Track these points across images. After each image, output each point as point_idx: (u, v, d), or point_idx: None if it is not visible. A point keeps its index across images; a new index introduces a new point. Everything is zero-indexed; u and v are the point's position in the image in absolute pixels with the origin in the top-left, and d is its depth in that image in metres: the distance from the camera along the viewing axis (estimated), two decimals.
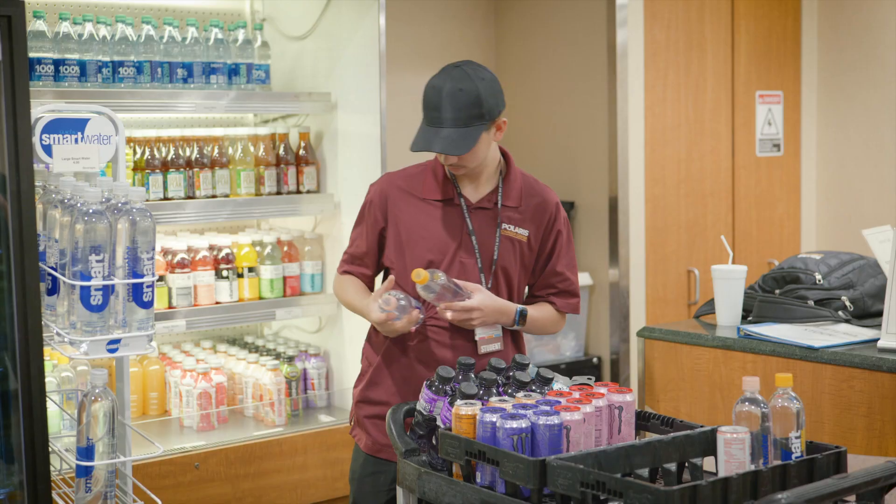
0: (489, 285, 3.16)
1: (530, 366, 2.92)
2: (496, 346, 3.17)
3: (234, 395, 4.35)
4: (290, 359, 4.46)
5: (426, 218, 3.15)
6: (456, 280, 3.05)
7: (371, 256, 3.25)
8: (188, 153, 4.25)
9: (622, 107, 5.16)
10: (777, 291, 3.71)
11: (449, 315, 3.05)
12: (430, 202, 3.16)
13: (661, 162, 5.38)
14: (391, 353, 3.19)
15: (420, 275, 2.93)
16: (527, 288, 3.31)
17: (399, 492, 2.76)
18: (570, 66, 5.34)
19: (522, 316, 3.17)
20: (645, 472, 2.41)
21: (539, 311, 3.24)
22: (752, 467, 2.34)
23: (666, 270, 5.40)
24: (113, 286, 2.81)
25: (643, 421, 2.73)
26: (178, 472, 3.82)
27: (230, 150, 4.36)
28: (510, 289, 3.21)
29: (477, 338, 3.16)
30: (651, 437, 2.57)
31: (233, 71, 4.32)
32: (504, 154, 3.24)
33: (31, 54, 3.83)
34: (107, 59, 4.03)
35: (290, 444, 4.08)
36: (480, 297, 3.08)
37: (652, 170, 5.32)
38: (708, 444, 2.49)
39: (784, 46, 5.94)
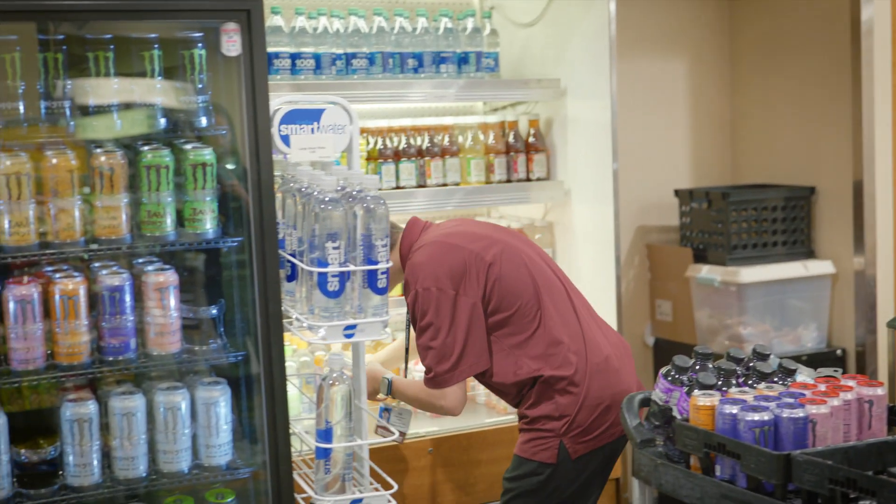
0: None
1: (771, 356, 2.80)
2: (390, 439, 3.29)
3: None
4: None
5: None
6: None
7: None
8: (419, 142, 4.30)
9: (867, 86, 4.88)
10: None
11: None
12: None
13: None
14: None
15: None
16: None
17: (634, 483, 2.70)
18: (809, 45, 5.11)
19: (389, 384, 3.32)
20: None
21: (411, 384, 3.31)
22: None
23: None
24: (349, 273, 2.86)
25: (895, 416, 2.57)
26: (412, 457, 3.87)
27: (460, 139, 4.39)
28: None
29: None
30: None
31: (462, 60, 4.34)
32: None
33: (269, 49, 3.95)
34: (340, 51, 4.12)
35: None
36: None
37: None
38: None
39: None
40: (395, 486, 2.95)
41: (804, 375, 2.77)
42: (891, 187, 5.00)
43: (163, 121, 2.99)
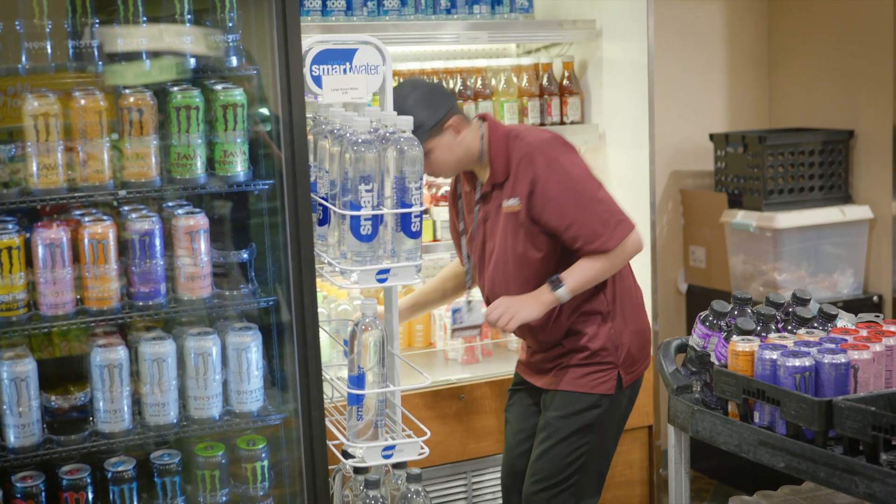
0: (489, 269, 3.28)
1: (811, 301, 2.75)
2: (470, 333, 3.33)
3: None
4: None
5: (457, 212, 3.43)
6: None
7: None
8: (451, 85, 4.23)
9: None
10: None
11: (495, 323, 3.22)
12: (463, 196, 3.39)
13: None
14: None
15: None
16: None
17: (670, 430, 2.66)
18: None
19: (555, 282, 3.17)
20: None
21: (577, 268, 3.19)
22: None
23: None
24: (382, 216, 2.82)
25: None
26: (444, 404, 3.86)
27: (493, 82, 4.32)
28: (520, 263, 3.22)
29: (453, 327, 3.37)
30: None
31: (496, 0, 4.26)
32: (490, 129, 3.26)
33: None
34: None
35: None
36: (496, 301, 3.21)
37: None
38: None
39: None
40: (428, 433, 2.93)
41: (845, 321, 2.72)
42: None
43: (192, 61, 2.95)
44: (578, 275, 3.16)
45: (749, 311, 2.68)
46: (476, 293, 3.52)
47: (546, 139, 3.21)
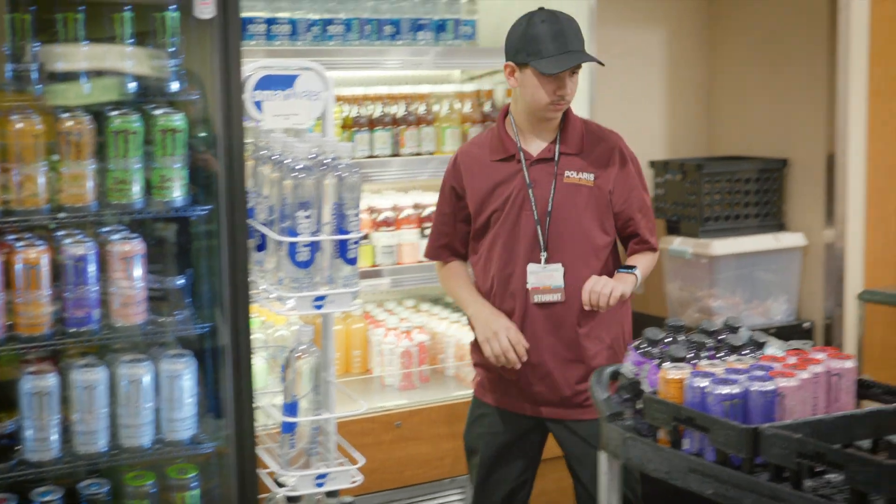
0: (546, 235, 3.17)
1: (742, 329, 2.80)
2: (554, 297, 3.16)
3: (436, 354, 4.36)
4: None
5: (491, 178, 3.24)
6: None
7: (459, 229, 3.32)
8: (394, 111, 4.26)
9: (843, 55, 4.87)
10: None
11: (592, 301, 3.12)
12: (495, 163, 3.24)
13: (886, 115, 5.06)
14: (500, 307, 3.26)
15: None
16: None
17: (602, 457, 2.69)
18: (787, 18, 5.09)
19: (628, 267, 3.22)
20: (866, 443, 2.27)
21: (639, 259, 3.27)
22: None
23: (888, 231, 5.11)
24: (320, 243, 2.83)
25: (864, 389, 2.58)
26: (380, 431, 3.85)
27: (436, 108, 4.36)
28: (568, 235, 3.19)
29: (529, 287, 3.17)
30: (872, 406, 2.41)
31: (440, 27, 4.31)
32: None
33: (244, 13, 3.90)
34: (317, 16, 4.07)
35: None
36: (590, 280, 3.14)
37: (875, 124, 5.02)
38: None
39: None
40: (362, 461, 2.93)
41: (774, 348, 2.77)
42: (863, 160, 5.01)
43: (133, 86, 2.95)
44: (642, 265, 3.25)
45: (681, 338, 2.73)
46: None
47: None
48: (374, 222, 4.20)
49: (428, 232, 4.23)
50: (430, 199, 4.35)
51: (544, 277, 3.12)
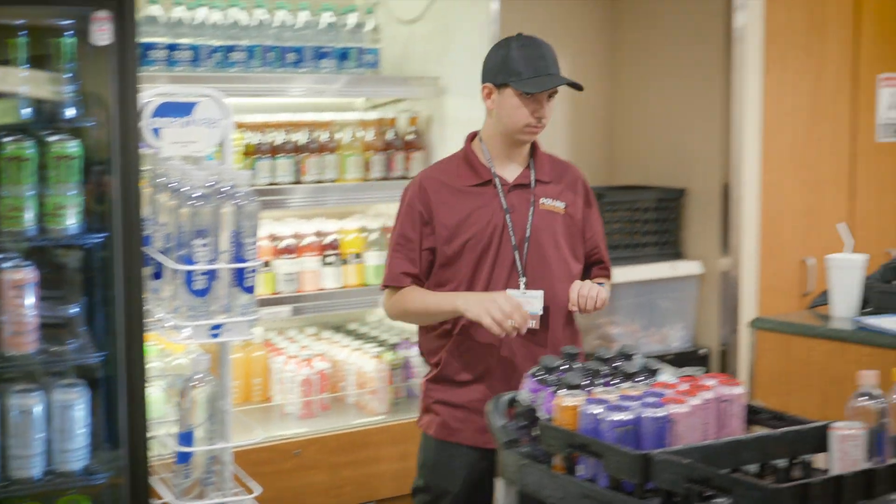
0: (524, 261, 3.16)
1: (637, 356, 2.85)
2: (530, 324, 3.10)
3: (337, 382, 4.35)
4: (394, 346, 4.44)
5: (465, 204, 3.18)
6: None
7: (423, 257, 3.21)
8: (297, 138, 4.26)
9: (737, 90, 5.01)
10: None
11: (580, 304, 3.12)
12: (468, 189, 3.19)
13: (778, 147, 5.21)
14: (462, 340, 3.17)
15: None
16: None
17: (499, 484, 2.72)
18: (685, 51, 5.21)
19: (598, 283, 3.24)
20: (753, 468, 2.33)
21: (604, 282, 3.33)
22: (868, 465, 2.24)
23: (780, 260, 5.24)
24: (217, 271, 2.82)
25: (752, 415, 2.64)
26: (279, 460, 3.83)
27: (338, 136, 4.37)
28: (546, 261, 3.19)
29: None
30: (760, 431, 2.48)
31: (343, 55, 4.32)
32: None
33: (145, 39, 3.88)
34: (219, 43, 4.06)
35: (392, 433, 4.07)
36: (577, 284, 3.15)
37: (768, 155, 5.16)
38: (820, 440, 2.39)
39: None
40: (258, 490, 2.91)
41: (667, 375, 2.82)
42: (757, 190, 5.14)
43: (28, 111, 2.91)
44: (608, 285, 3.31)
45: (577, 365, 2.76)
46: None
47: None
48: (275, 250, 4.19)
49: (330, 260, 4.25)
50: (333, 227, 4.35)
51: (524, 303, 3.10)
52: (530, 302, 3.11)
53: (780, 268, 5.25)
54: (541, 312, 3.13)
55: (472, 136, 3.30)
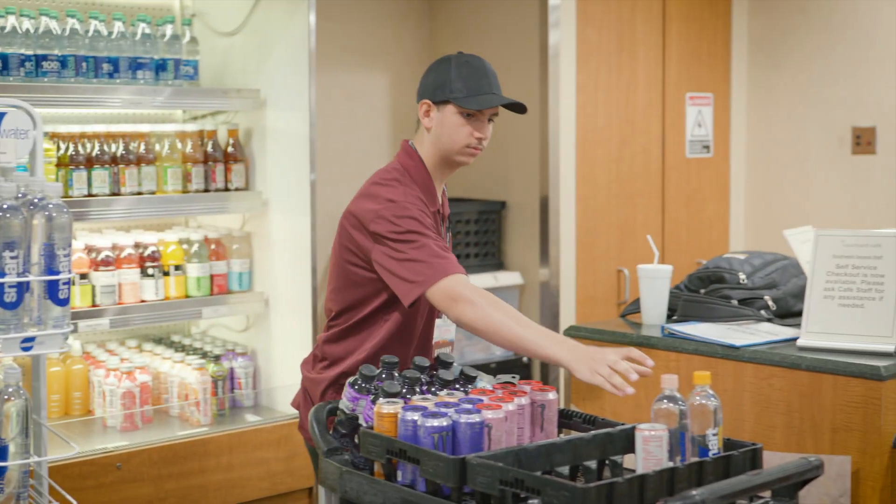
0: None
1: (454, 364, 2.91)
2: (446, 350, 3.11)
3: (160, 394, 4.29)
4: (217, 358, 4.41)
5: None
6: None
7: None
8: (113, 149, 4.18)
9: (553, 107, 5.17)
10: (702, 291, 3.74)
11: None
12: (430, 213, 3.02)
13: (592, 162, 5.40)
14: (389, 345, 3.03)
15: None
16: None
17: (321, 491, 2.74)
18: (503, 66, 5.32)
19: None
20: (566, 469, 2.41)
21: None
22: (670, 464, 2.35)
23: (596, 270, 5.43)
24: (28, 283, 2.76)
25: (566, 419, 2.73)
26: (100, 473, 3.76)
27: (157, 147, 4.31)
28: None
29: (434, 340, 3.12)
30: (573, 435, 2.57)
31: (160, 66, 4.26)
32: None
33: None
34: (30, 52, 3.95)
35: (216, 444, 4.04)
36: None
37: (583, 170, 5.35)
38: (628, 441, 2.50)
39: (714, 49, 5.99)
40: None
41: (484, 382, 2.89)
42: (573, 203, 5.31)
43: None
44: None
45: (396, 374, 2.81)
46: None
47: None
48: (93, 262, 4.10)
49: (150, 272, 4.18)
50: (152, 239, 4.29)
51: (444, 332, 3.04)
52: (449, 329, 3.11)
53: (597, 278, 5.43)
54: (453, 339, 3.12)
55: (412, 150, 3.14)
